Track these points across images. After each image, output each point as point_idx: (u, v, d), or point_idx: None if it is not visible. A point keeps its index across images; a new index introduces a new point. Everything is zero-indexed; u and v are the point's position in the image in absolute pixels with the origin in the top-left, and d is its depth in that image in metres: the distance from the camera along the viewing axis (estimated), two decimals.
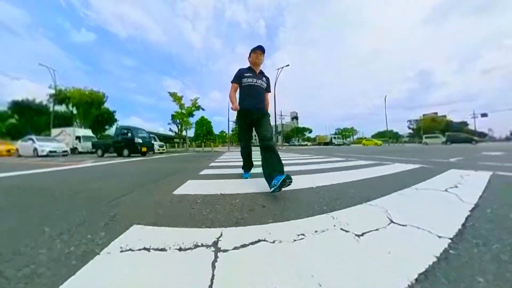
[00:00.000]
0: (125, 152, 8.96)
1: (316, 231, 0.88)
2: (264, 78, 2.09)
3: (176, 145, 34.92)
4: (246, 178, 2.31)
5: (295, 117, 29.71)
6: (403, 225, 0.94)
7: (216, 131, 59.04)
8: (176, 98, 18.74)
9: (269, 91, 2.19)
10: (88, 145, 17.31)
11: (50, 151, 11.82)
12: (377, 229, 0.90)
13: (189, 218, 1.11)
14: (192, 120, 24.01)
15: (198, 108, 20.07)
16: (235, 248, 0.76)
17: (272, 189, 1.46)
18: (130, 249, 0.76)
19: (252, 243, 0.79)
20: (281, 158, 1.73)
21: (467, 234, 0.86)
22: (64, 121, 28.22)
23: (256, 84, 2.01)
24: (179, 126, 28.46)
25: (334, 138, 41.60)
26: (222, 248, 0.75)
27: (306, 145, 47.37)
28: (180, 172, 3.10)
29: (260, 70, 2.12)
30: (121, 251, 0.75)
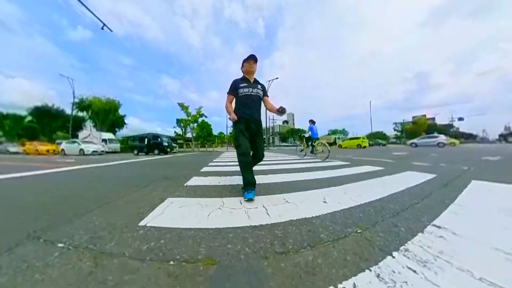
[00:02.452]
0: (156, 151, 13.00)
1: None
2: (259, 86, 2.11)
3: (183, 146, 38.94)
4: (251, 199, 1.71)
5: (285, 121, 33.80)
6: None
7: (214, 130, 62.69)
8: (184, 108, 22.94)
9: (267, 96, 2.21)
10: (112, 146, 21.23)
11: (93, 151, 15.77)
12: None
13: (224, 165, 5.21)
14: (194, 124, 28.05)
15: (202, 115, 24.15)
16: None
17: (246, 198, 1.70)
18: (216, 163, 4.86)
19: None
20: None
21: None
22: (76, 123, 32.16)
23: (252, 93, 2.03)
24: (183, 129, 32.63)
25: (338, 138, 42.10)
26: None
27: None
28: (207, 159, 7.20)
29: (255, 78, 2.15)
30: (212, 165, 4.86)
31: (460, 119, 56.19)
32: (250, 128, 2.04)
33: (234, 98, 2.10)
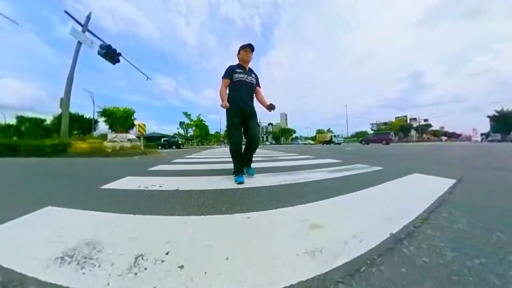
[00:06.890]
0: (174, 147, 20.63)
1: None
2: (253, 75, 2.16)
3: (184, 144, 47.02)
4: (241, 182, 1.84)
5: (270, 124, 39.89)
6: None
7: (211, 129, 69.53)
8: (187, 115, 30.79)
9: (260, 86, 2.26)
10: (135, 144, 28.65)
11: None
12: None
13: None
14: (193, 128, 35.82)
15: (201, 121, 32.03)
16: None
17: (238, 179, 1.86)
18: (208, 152, 12.58)
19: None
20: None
21: None
22: (90, 125, 39.83)
23: (247, 80, 2.08)
24: (185, 130, 40.61)
25: (335, 136, 42.71)
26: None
27: (314, 144, 45.30)
28: (206, 148, 14.92)
29: (249, 67, 2.19)
30: (204, 152, 12.61)
31: (425, 120, 65.00)
32: (244, 114, 2.07)
33: (229, 83, 2.10)
